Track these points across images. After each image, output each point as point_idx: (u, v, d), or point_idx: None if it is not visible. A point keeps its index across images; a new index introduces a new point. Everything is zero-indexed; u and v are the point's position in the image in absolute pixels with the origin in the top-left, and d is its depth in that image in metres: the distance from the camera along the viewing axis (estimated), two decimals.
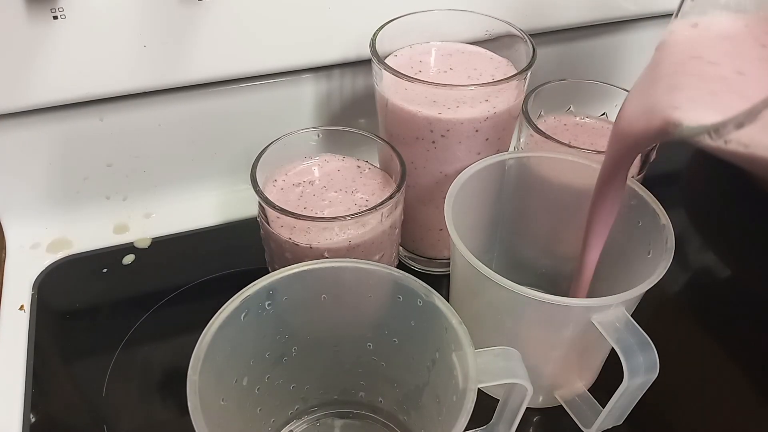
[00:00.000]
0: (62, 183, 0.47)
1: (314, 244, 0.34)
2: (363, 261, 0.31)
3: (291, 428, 0.35)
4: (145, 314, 0.42)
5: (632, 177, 0.39)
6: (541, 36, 0.51)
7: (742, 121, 0.20)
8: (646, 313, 0.34)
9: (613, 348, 0.30)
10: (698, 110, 0.24)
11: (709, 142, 0.21)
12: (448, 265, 0.38)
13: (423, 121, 0.37)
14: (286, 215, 0.33)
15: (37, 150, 0.45)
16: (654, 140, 0.28)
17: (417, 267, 0.46)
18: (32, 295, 0.44)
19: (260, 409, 0.33)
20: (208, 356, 0.27)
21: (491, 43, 0.42)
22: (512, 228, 0.42)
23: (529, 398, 0.29)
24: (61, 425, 0.37)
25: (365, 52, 0.39)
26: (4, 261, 0.46)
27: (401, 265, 0.46)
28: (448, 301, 0.29)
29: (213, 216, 0.50)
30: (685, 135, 0.23)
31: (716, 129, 0.21)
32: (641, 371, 0.29)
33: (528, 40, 0.40)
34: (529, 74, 0.38)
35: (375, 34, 0.39)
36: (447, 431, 0.25)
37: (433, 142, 0.38)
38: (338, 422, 0.36)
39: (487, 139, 0.38)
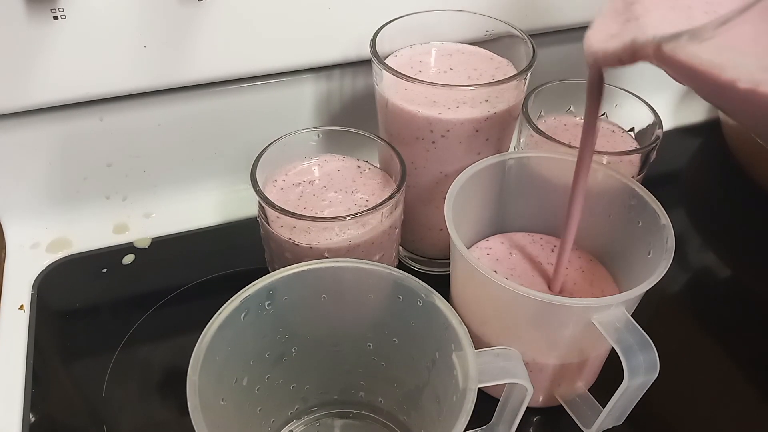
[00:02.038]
0: (62, 183, 0.47)
1: (314, 244, 0.34)
2: (363, 261, 0.31)
3: (291, 428, 0.35)
4: (145, 314, 0.42)
5: (632, 177, 0.39)
6: (541, 36, 0.51)
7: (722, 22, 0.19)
8: (646, 313, 0.34)
9: (613, 348, 0.30)
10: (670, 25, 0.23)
11: (686, 47, 0.21)
12: (448, 265, 0.38)
13: (423, 122, 0.37)
14: (286, 215, 0.33)
15: (37, 150, 0.45)
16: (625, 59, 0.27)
17: (417, 267, 0.46)
18: (32, 294, 0.44)
19: (260, 409, 0.33)
20: (207, 356, 0.27)
21: (492, 43, 0.42)
22: (512, 228, 0.42)
23: (529, 398, 0.29)
24: (60, 425, 0.37)
25: (365, 53, 0.39)
26: (4, 261, 0.46)
27: (401, 265, 0.46)
28: (448, 301, 0.29)
29: (213, 216, 0.50)
30: (659, 43, 0.23)
31: (694, 33, 0.21)
32: (641, 371, 0.29)
33: (528, 41, 0.40)
34: (529, 75, 0.38)
35: (375, 35, 0.39)
36: (447, 431, 0.25)
37: (434, 142, 0.38)
38: (338, 422, 0.36)
39: (487, 139, 0.38)
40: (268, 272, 0.30)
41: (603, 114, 0.45)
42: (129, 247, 0.47)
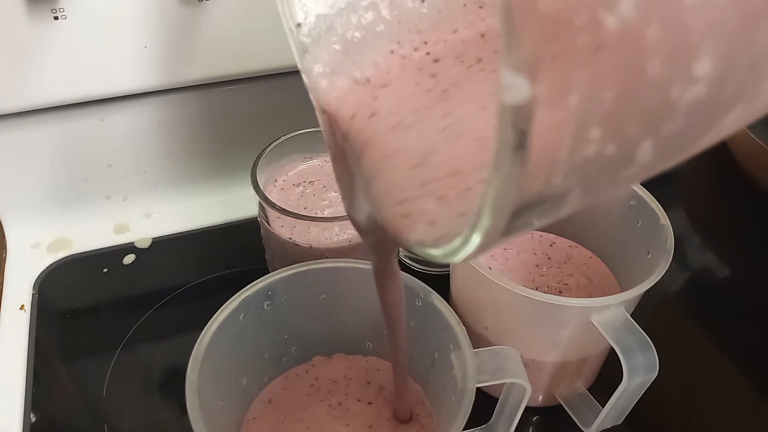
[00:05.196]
0: (63, 183, 0.47)
1: (314, 244, 0.34)
2: (362, 261, 0.31)
3: None
4: (146, 314, 0.42)
5: None
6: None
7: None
8: (646, 313, 0.34)
9: (612, 347, 0.30)
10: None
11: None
12: (447, 265, 0.38)
13: None
14: (286, 215, 0.34)
15: (38, 150, 0.45)
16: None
17: (417, 267, 0.46)
18: (33, 294, 0.44)
19: None
20: (207, 356, 0.27)
21: None
22: None
23: (528, 398, 0.29)
24: (61, 425, 0.37)
25: None
26: (5, 261, 0.46)
27: (401, 265, 0.46)
28: (448, 301, 0.29)
29: (213, 216, 0.50)
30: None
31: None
32: (641, 371, 0.29)
33: None
34: None
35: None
36: (446, 430, 0.25)
37: None
38: None
39: None
40: (268, 272, 0.30)
41: None
42: (130, 247, 0.47)
